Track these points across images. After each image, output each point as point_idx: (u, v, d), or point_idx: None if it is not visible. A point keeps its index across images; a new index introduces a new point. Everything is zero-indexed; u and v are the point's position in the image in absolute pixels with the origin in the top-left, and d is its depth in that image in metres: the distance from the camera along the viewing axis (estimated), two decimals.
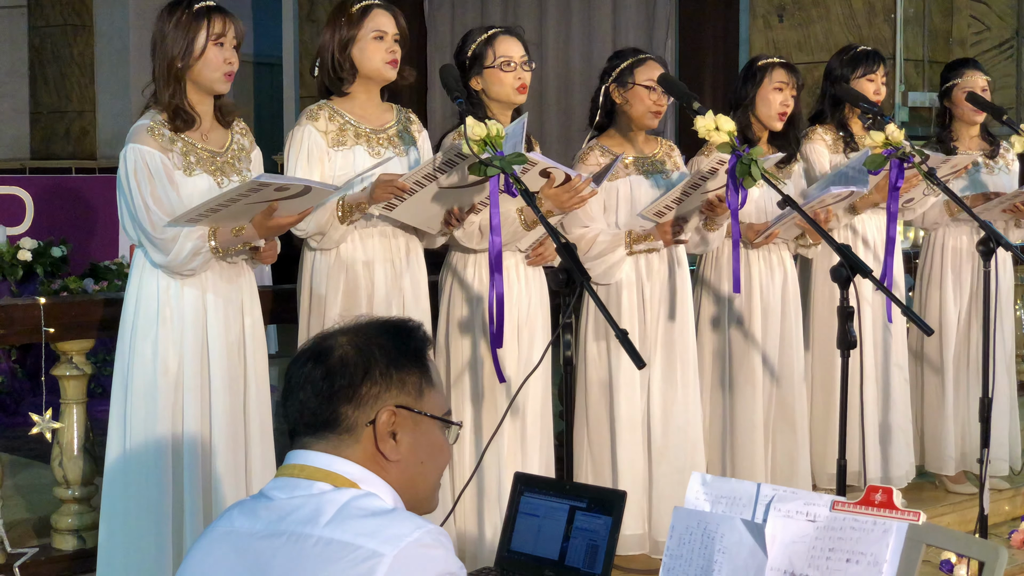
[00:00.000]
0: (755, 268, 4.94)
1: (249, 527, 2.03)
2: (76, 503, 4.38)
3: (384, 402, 2.08)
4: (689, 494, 2.41)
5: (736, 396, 4.92)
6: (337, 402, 2.07)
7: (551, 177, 4.02)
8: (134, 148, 3.64)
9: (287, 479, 2.07)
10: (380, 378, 2.08)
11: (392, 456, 2.08)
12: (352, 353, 2.09)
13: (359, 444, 2.07)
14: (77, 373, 4.34)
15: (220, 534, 2.06)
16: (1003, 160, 5.68)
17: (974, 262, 5.53)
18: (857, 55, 5.33)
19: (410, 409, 2.10)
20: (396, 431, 2.08)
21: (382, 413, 2.07)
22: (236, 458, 3.79)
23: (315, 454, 2.07)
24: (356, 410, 2.07)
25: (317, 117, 4.06)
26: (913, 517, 2.18)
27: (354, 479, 2.05)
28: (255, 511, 2.05)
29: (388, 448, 2.07)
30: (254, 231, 3.65)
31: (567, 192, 4.04)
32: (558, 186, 4.03)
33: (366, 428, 2.07)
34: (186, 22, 3.66)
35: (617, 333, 3.16)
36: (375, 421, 2.07)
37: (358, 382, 2.07)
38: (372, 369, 2.08)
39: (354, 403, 2.07)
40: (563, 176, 4.02)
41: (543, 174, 4.01)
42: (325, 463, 2.06)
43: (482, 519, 4.28)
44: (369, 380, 2.08)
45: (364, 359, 2.08)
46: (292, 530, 1.99)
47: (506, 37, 4.30)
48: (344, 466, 2.06)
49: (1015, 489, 5.78)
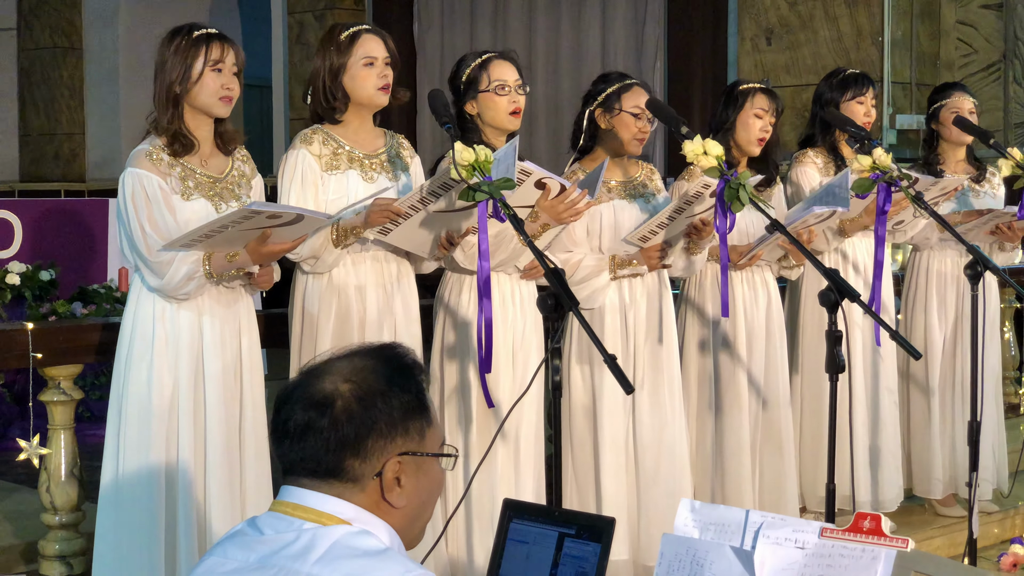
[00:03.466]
0: (738, 290, 4.94)
1: (243, 559, 2.02)
2: (63, 529, 4.35)
3: (390, 453, 2.05)
4: (678, 521, 2.41)
5: (724, 419, 4.91)
6: (343, 455, 2.03)
7: (547, 189, 4.03)
8: (132, 172, 3.69)
9: (279, 515, 2.05)
10: (386, 429, 2.05)
11: (398, 503, 2.06)
12: (356, 405, 2.04)
13: (363, 493, 2.04)
14: (65, 399, 4.33)
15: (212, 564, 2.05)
16: (989, 184, 5.70)
17: (959, 285, 5.54)
18: (846, 78, 5.34)
19: (414, 453, 2.08)
20: (400, 476, 2.06)
21: (389, 464, 2.05)
22: (231, 482, 3.79)
23: (311, 494, 2.05)
24: (363, 463, 2.04)
25: (311, 141, 4.06)
26: (901, 544, 2.18)
27: (347, 519, 2.03)
28: (249, 544, 2.04)
29: (394, 496, 2.06)
30: (248, 257, 3.68)
31: (562, 203, 4.05)
32: (553, 198, 4.04)
33: (373, 480, 2.04)
34: (185, 48, 3.72)
35: (605, 358, 3.16)
36: (382, 472, 2.04)
37: (364, 436, 2.03)
38: (377, 422, 2.04)
39: (360, 456, 2.03)
40: (558, 187, 4.03)
41: (539, 186, 4.01)
42: (318, 503, 2.04)
43: (472, 544, 4.26)
44: (375, 434, 2.04)
45: (368, 411, 2.04)
46: (282, 564, 1.97)
47: (500, 61, 4.32)
48: (339, 506, 2.04)
49: (1004, 512, 5.78)
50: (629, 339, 4.59)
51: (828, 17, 8.27)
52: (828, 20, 8.27)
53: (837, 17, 8.23)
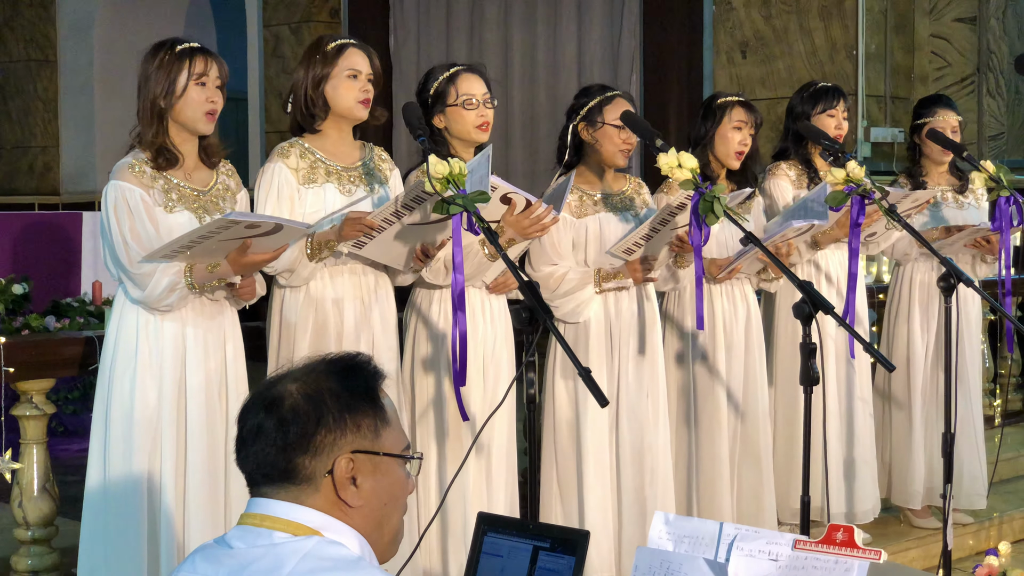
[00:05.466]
0: (718, 304, 4.95)
1: (212, 574, 2.01)
2: (36, 544, 4.32)
3: (341, 449, 2.04)
4: (652, 533, 2.41)
5: (701, 432, 4.92)
6: (293, 453, 2.02)
7: (512, 203, 4.03)
8: (115, 185, 3.71)
9: (248, 528, 2.04)
10: (334, 424, 2.04)
11: (354, 502, 2.04)
12: (302, 402, 2.04)
13: (319, 493, 2.03)
14: (37, 413, 4.30)
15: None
16: (973, 195, 5.73)
17: (941, 297, 5.56)
18: (817, 91, 5.37)
19: (367, 452, 2.06)
20: (356, 476, 2.05)
21: (340, 460, 2.03)
22: (214, 494, 3.80)
23: (275, 503, 2.04)
24: (313, 460, 2.03)
25: (288, 154, 4.06)
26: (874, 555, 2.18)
27: (316, 527, 2.02)
28: (218, 558, 2.03)
29: (350, 495, 2.04)
30: (228, 268, 3.69)
31: (527, 218, 4.05)
32: (518, 213, 4.04)
33: (325, 478, 2.03)
34: (168, 63, 3.74)
35: (580, 371, 3.16)
36: (333, 470, 2.03)
37: (311, 432, 2.03)
38: (324, 416, 2.04)
39: (310, 453, 2.03)
40: (524, 202, 4.03)
41: (504, 200, 4.01)
42: (285, 512, 2.03)
43: (447, 558, 4.26)
44: (323, 428, 2.03)
45: (315, 407, 2.04)
46: None
47: (468, 75, 4.32)
48: (306, 514, 2.03)
49: (979, 524, 5.80)
50: (614, 352, 4.60)
51: (803, 31, 8.30)
52: (803, 34, 8.31)
53: (812, 31, 8.27)
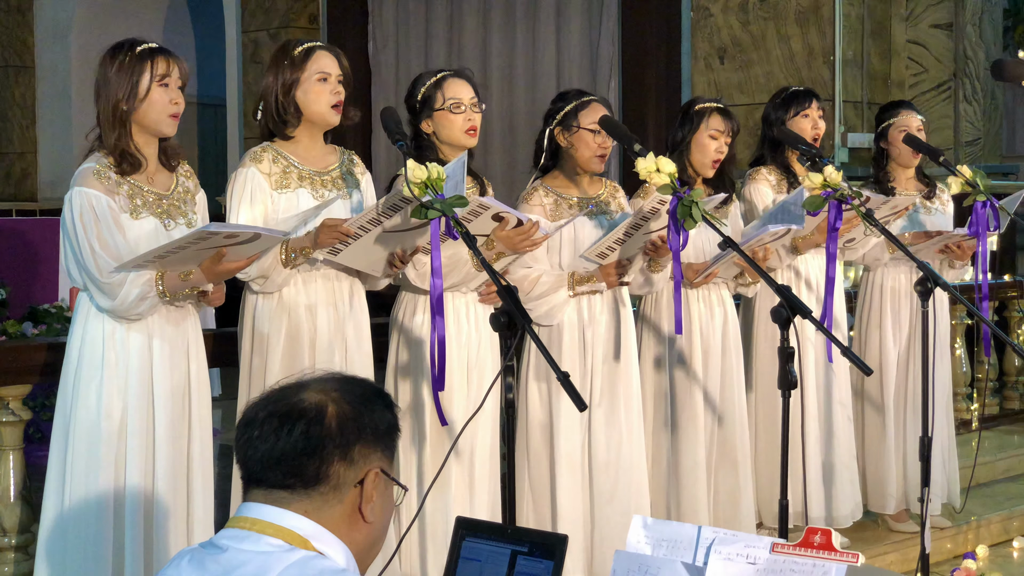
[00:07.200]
0: (695, 308, 4.95)
1: None
2: (13, 551, 4.31)
3: (371, 464, 2.07)
4: (630, 537, 2.41)
5: (679, 436, 4.92)
6: (332, 458, 2.03)
7: (504, 220, 4.05)
8: (80, 192, 3.61)
9: (237, 531, 2.04)
10: (372, 439, 2.07)
11: (370, 518, 2.07)
12: (349, 411, 2.06)
13: (341, 504, 2.05)
14: (14, 419, 4.29)
15: None
16: (939, 201, 5.75)
17: (912, 302, 5.58)
18: (788, 96, 5.40)
19: (387, 475, 2.10)
20: (374, 492, 2.08)
21: (370, 473, 2.06)
22: (178, 506, 3.74)
23: (266, 507, 2.04)
24: (348, 469, 2.05)
25: (261, 159, 4.04)
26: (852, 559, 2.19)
27: (306, 535, 2.02)
28: (203, 562, 2.02)
29: (368, 510, 2.06)
30: (202, 276, 3.63)
31: (519, 235, 4.08)
32: (510, 229, 4.06)
33: (354, 488, 2.05)
34: (129, 64, 3.65)
35: (558, 375, 3.16)
36: (363, 481, 2.06)
37: (354, 441, 2.05)
38: (366, 429, 2.07)
39: (347, 461, 2.05)
40: (515, 220, 4.07)
41: (496, 218, 4.04)
42: (276, 517, 2.03)
43: (426, 563, 4.25)
44: (363, 441, 2.06)
45: (359, 419, 2.07)
46: None
47: (455, 80, 4.32)
48: (296, 521, 2.02)
49: (957, 527, 5.82)
50: (587, 356, 4.60)
51: (780, 37, 8.33)
52: (780, 39, 8.33)
53: (789, 37, 8.30)
